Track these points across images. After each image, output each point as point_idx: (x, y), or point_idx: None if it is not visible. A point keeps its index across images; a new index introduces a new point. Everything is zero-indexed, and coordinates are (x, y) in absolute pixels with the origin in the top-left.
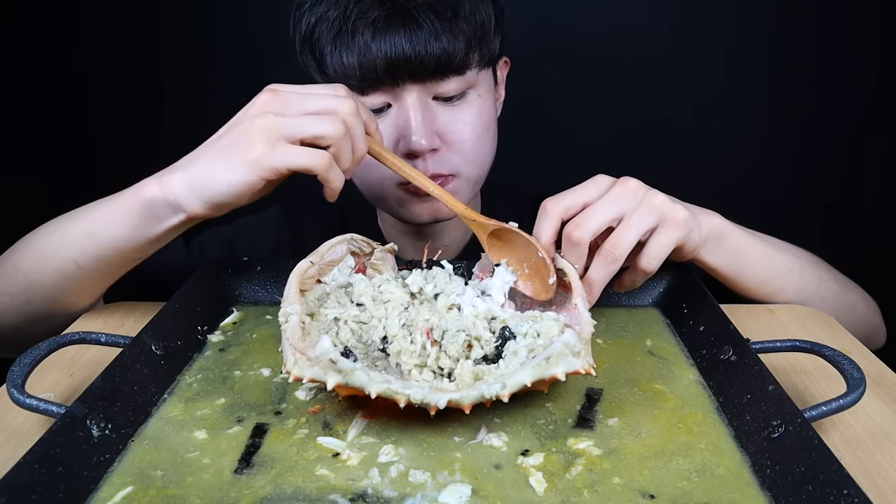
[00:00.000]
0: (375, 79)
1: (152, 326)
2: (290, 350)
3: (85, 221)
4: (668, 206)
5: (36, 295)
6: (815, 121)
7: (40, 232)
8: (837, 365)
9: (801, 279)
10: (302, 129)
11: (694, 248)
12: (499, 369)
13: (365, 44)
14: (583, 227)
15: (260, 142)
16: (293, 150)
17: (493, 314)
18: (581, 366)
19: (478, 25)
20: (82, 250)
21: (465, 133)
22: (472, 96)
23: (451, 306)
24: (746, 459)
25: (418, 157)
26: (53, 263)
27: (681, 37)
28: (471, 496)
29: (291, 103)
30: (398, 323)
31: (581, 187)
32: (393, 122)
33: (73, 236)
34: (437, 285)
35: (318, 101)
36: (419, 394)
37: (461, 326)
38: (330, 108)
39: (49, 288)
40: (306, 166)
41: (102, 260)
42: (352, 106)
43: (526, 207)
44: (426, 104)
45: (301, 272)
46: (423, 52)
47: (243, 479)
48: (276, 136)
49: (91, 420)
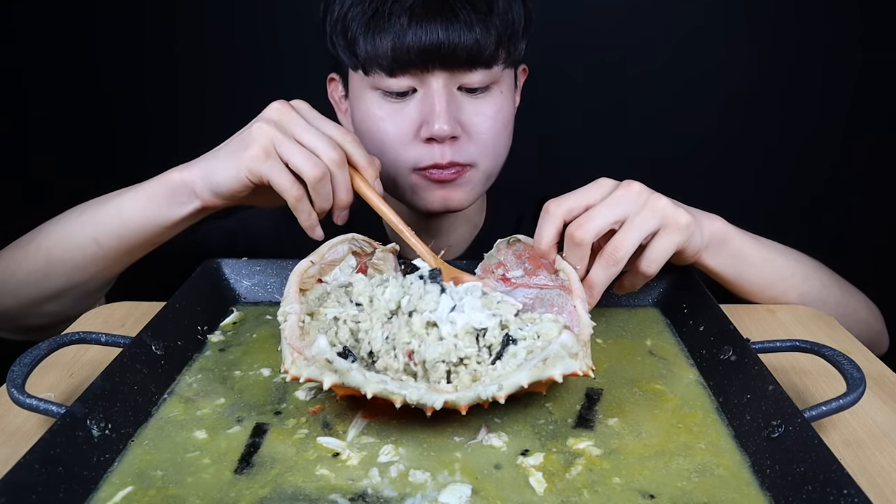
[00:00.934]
0: (406, 62)
1: (152, 326)
2: (288, 349)
3: (112, 204)
4: (671, 210)
5: (54, 271)
6: (819, 122)
7: (66, 215)
8: (837, 365)
9: (803, 284)
10: (290, 154)
11: (695, 252)
12: (496, 370)
13: (401, 27)
14: (585, 227)
15: (256, 147)
16: (277, 168)
17: (473, 326)
18: (579, 367)
19: (509, 23)
20: (104, 230)
21: (485, 126)
22: (496, 91)
23: (428, 324)
24: (746, 459)
25: (438, 144)
26: (75, 240)
27: (684, 43)
28: (471, 496)
29: (294, 125)
30: (381, 336)
31: (584, 190)
32: (417, 106)
33: (99, 217)
34: (411, 299)
35: (314, 138)
36: (415, 394)
37: (441, 352)
38: (318, 149)
39: (69, 265)
40: (280, 188)
41: (122, 240)
42: (338, 157)
43: (528, 209)
44: (451, 92)
45: (301, 272)
46: (457, 41)
47: (243, 479)
48: (271, 147)
49: (91, 420)
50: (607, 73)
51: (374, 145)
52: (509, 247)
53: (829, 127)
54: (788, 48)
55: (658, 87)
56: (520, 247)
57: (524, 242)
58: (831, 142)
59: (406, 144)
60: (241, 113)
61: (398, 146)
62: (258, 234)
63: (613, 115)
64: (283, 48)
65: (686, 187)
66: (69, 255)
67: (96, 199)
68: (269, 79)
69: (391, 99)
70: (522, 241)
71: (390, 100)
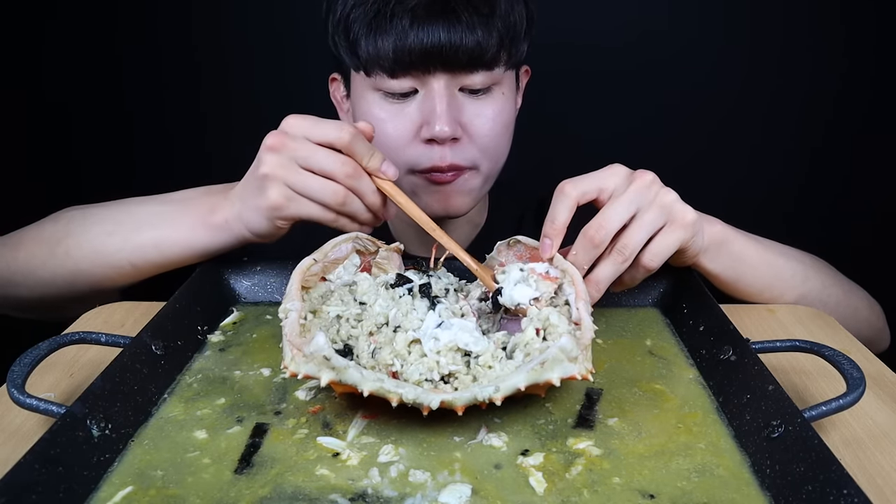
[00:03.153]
0: (408, 63)
1: (152, 326)
2: (288, 346)
3: (150, 231)
4: (679, 206)
5: (81, 280)
6: (828, 121)
7: (92, 224)
8: (837, 365)
9: (803, 285)
10: (306, 187)
11: (696, 252)
12: (493, 371)
13: (402, 29)
14: (606, 229)
15: (274, 192)
16: (303, 204)
17: (457, 345)
18: (577, 371)
19: (511, 25)
20: (142, 256)
21: (486, 127)
22: (497, 93)
23: (411, 342)
24: (746, 459)
25: (439, 145)
26: (110, 261)
27: (684, 43)
28: (471, 496)
29: (298, 152)
30: (368, 350)
31: (598, 174)
32: (418, 107)
33: (136, 243)
34: (397, 312)
35: (322, 160)
36: (412, 393)
37: (422, 371)
38: (330, 170)
39: (98, 277)
40: (314, 219)
41: (160, 266)
42: (352, 170)
43: (529, 208)
44: (452, 94)
45: (304, 269)
46: (459, 42)
47: (243, 479)
48: (285, 187)
49: (91, 420)
50: (608, 73)
51: (377, 146)
52: (510, 248)
53: (816, 122)
54: (772, 50)
55: (659, 87)
56: (520, 248)
57: (524, 243)
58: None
59: (406, 145)
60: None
61: (398, 147)
62: None
63: (614, 116)
64: (284, 49)
65: (686, 187)
66: (100, 271)
67: (126, 214)
68: (270, 79)
69: (392, 100)
70: (522, 241)
71: (391, 101)
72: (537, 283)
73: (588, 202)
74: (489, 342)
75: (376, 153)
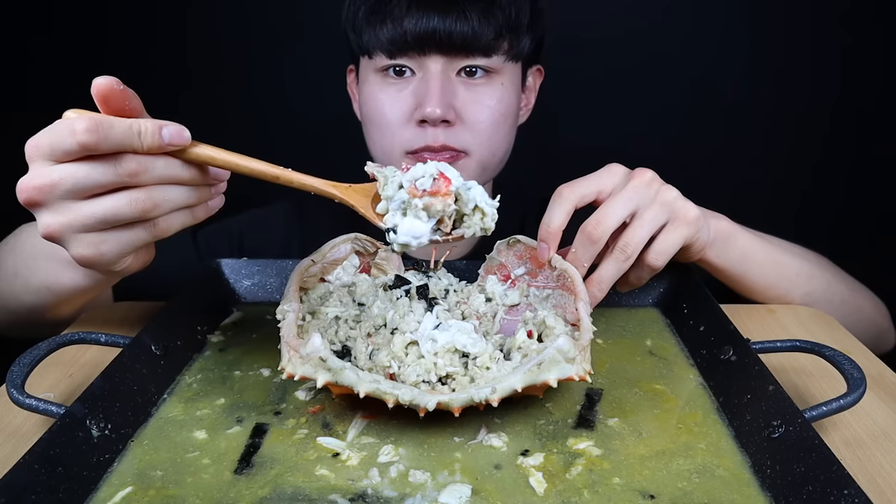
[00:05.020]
0: (404, 45)
1: (152, 326)
2: (285, 347)
3: (41, 279)
4: (681, 203)
5: (16, 308)
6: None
7: (11, 251)
8: (837, 365)
9: (808, 283)
10: (103, 218)
11: (701, 248)
12: (490, 372)
13: (400, 13)
14: (604, 225)
15: (73, 250)
16: (115, 238)
17: (454, 346)
18: (575, 372)
19: (510, 16)
20: (42, 300)
21: (482, 114)
22: (496, 82)
23: (408, 344)
24: (747, 460)
25: (432, 127)
26: (28, 301)
27: (685, 44)
28: (471, 496)
29: (60, 186)
30: (366, 352)
31: (595, 176)
32: (414, 89)
33: (34, 287)
34: (394, 314)
35: (90, 177)
36: (408, 395)
37: (420, 373)
38: (109, 183)
39: (28, 306)
40: (143, 241)
41: (66, 303)
42: (131, 165)
43: (531, 209)
44: (448, 77)
45: (302, 270)
46: (452, 28)
47: (243, 479)
48: (81, 237)
49: (91, 420)
50: (609, 73)
51: (376, 128)
52: (510, 248)
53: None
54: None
55: (661, 87)
56: (520, 247)
57: (524, 243)
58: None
59: (402, 126)
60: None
61: (394, 128)
62: (263, 235)
63: (615, 117)
64: (283, 51)
65: (687, 188)
66: (27, 299)
67: (29, 245)
68: (270, 79)
69: (392, 79)
70: (522, 241)
71: (391, 80)
72: (428, 207)
73: (588, 204)
74: (487, 343)
75: (145, 127)
